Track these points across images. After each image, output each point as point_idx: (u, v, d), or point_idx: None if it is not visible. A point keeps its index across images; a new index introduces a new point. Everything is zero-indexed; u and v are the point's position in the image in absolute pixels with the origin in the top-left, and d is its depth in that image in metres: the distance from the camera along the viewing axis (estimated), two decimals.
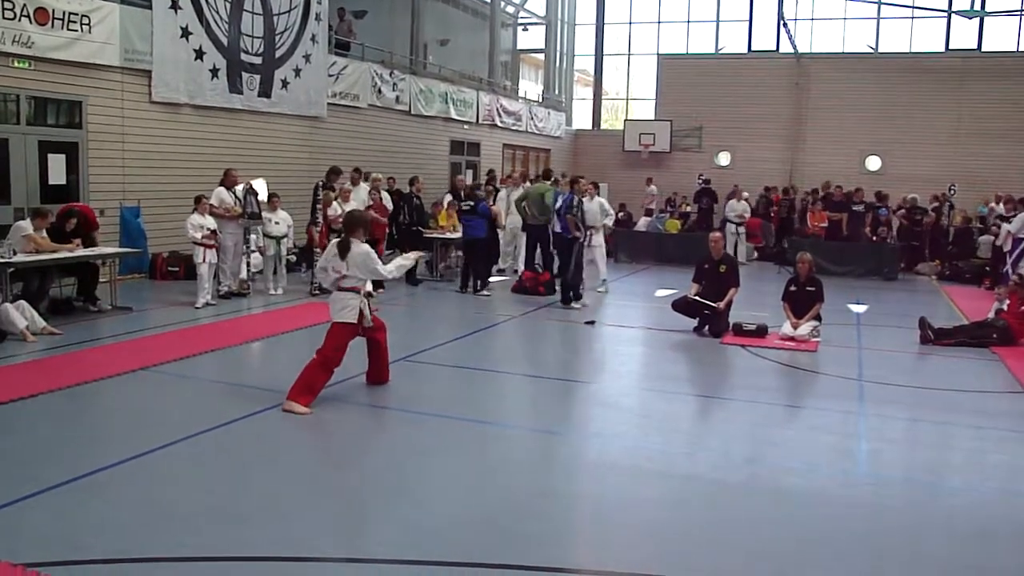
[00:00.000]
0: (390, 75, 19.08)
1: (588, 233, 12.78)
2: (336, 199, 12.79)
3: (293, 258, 14.07)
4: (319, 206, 12.76)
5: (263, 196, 12.83)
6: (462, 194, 14.68)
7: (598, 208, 13.48)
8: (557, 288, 13.57)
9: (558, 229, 12.54)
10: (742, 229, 19.24)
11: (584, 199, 12.70)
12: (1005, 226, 15.70)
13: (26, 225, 9.90)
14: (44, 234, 10.02)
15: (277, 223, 12.51)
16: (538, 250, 13.88)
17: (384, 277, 7.13)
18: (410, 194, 14.11)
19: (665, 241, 19.51)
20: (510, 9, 28.81)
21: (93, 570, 3.98)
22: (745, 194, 20.27)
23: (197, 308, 10.98)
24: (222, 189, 11.98)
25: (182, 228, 11.44)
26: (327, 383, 6.86)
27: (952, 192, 21.18)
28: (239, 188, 12.26)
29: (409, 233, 14.02)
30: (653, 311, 12.37)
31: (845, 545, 4.55)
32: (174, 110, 13.62)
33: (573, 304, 12.14)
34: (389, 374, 7.47)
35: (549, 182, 14.25)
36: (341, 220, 12.50)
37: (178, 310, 10.88)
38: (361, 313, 6.86)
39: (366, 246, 6.85)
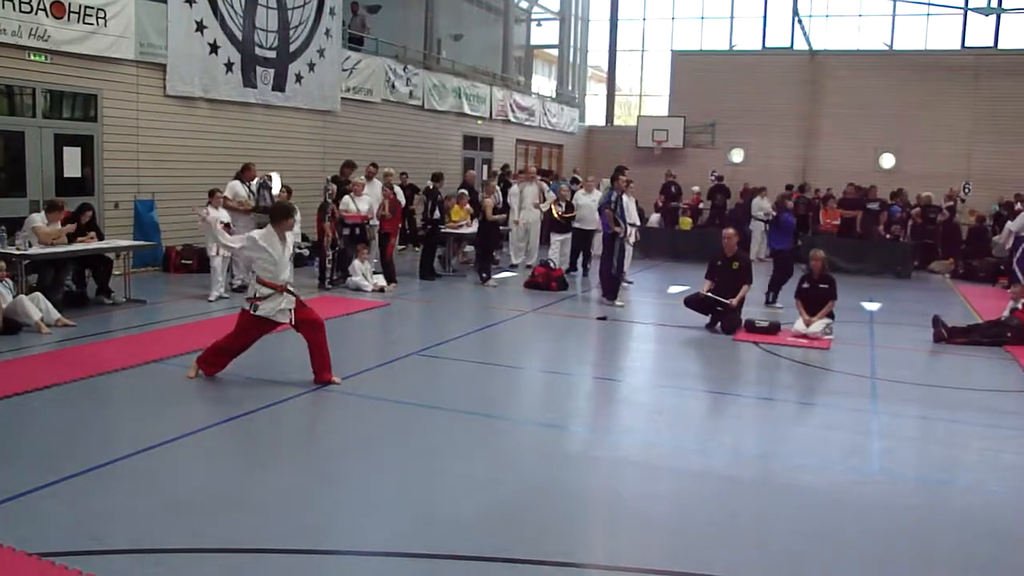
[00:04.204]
0: (403, 70, 19.10)
1: (628, 229, 12.61)
2: (349, 193, 12.82)
3: (306, 252, 14.10)
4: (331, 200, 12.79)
5: (276, 190, 12.86)
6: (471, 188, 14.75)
7: (634, 205, 13.37)
8: (568, 283, 13.59)
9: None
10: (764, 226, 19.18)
11: (624, 195, 12.54)
12: (1008, 224, 15.63)
13: (36, 218, 9.97)
14: (59, 226, 10.08)
15: None
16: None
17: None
18: (434, 190, 14.13)
19: (678, 237, 19.48)
20: (524, 4, 28.78)
21: (109, 560, 4.00)
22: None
23: (210, 301, 11.03)
24: (237, 182, 12.01)
25: (195, 221, 11.46)
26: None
27: (967, 191, 21.05)
28: (254, 182, 12.29)
29: (435, 229, 14.06)
30: (666, 307, 12.35)
31: (857, 542, 4.54)
32: (188, 104, 13.67)
33: (616, 302, 12.08)
34: (331, 374, 7.24)
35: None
36: (350, 216, 12.64)
37: (191, 303, 10.94)
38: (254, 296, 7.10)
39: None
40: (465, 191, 15.58)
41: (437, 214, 14.00)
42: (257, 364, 7.46)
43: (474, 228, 14.65)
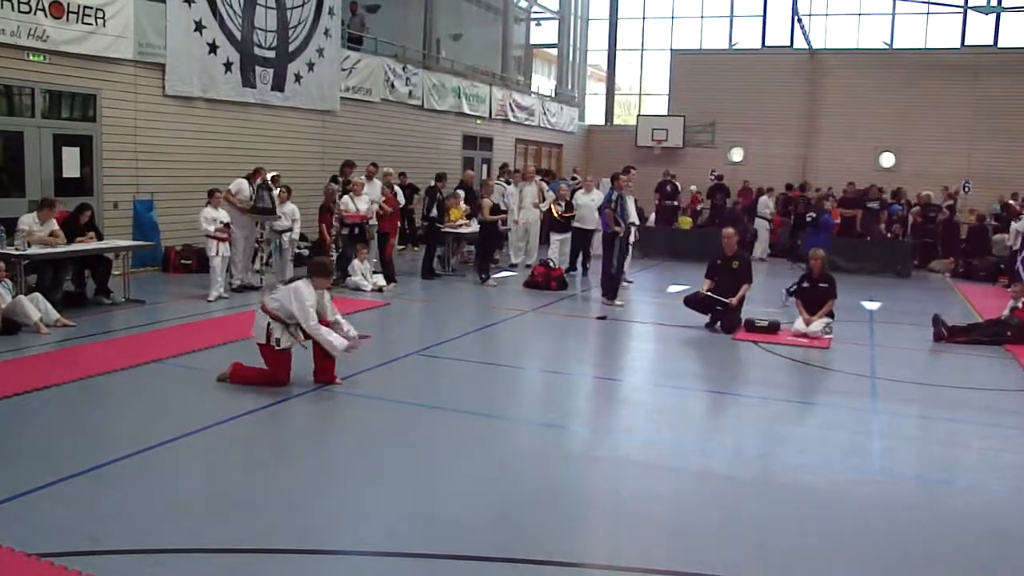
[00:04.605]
0: (403, 69, 19.09)
1: (628, 228, 12.48)
2: (349, 193, 12.81)
3: (306, 252, 14.06)
4: (337, 198, 12.80)
5: (278, 191, 12.84)
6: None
7: (633, 204, 13.20)
8: (568, 282, 13.57)
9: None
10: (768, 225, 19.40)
11: (624, 194, 12.43)
12: (1015, 224, 15.64)
13: (27, 219, 9.90)
14: (54, 225, 10.04)
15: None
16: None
17: (306, 327, 6.99)
18: (435, 188, 14.13)
19: (678, 237, 19.48)
20: (523, 4, 28.75)
21: (109, 560, 4.00)
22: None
23: (210, 301, 11.01)
24: (244, 181, 11.97)
25: (195, 221, 11.46)
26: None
27: (967, 190, 21.05)
28: (257, 182, 12.26)
29: (433, 228, 14.05)
30: (665, 307, 12.34)
31: (857, 542, 4.54)
32: (187, 104, 13.66)
33: (616, 302, 12.05)
34: (334, 374, 7.24)
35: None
36: (349, 215, 12.62)
37: (191, 303, 10.92)
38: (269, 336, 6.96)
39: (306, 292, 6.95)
40: (460, 192, 15.53)
41: (435, 213, 13.99)
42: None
43: (475, 228, 14.64)
